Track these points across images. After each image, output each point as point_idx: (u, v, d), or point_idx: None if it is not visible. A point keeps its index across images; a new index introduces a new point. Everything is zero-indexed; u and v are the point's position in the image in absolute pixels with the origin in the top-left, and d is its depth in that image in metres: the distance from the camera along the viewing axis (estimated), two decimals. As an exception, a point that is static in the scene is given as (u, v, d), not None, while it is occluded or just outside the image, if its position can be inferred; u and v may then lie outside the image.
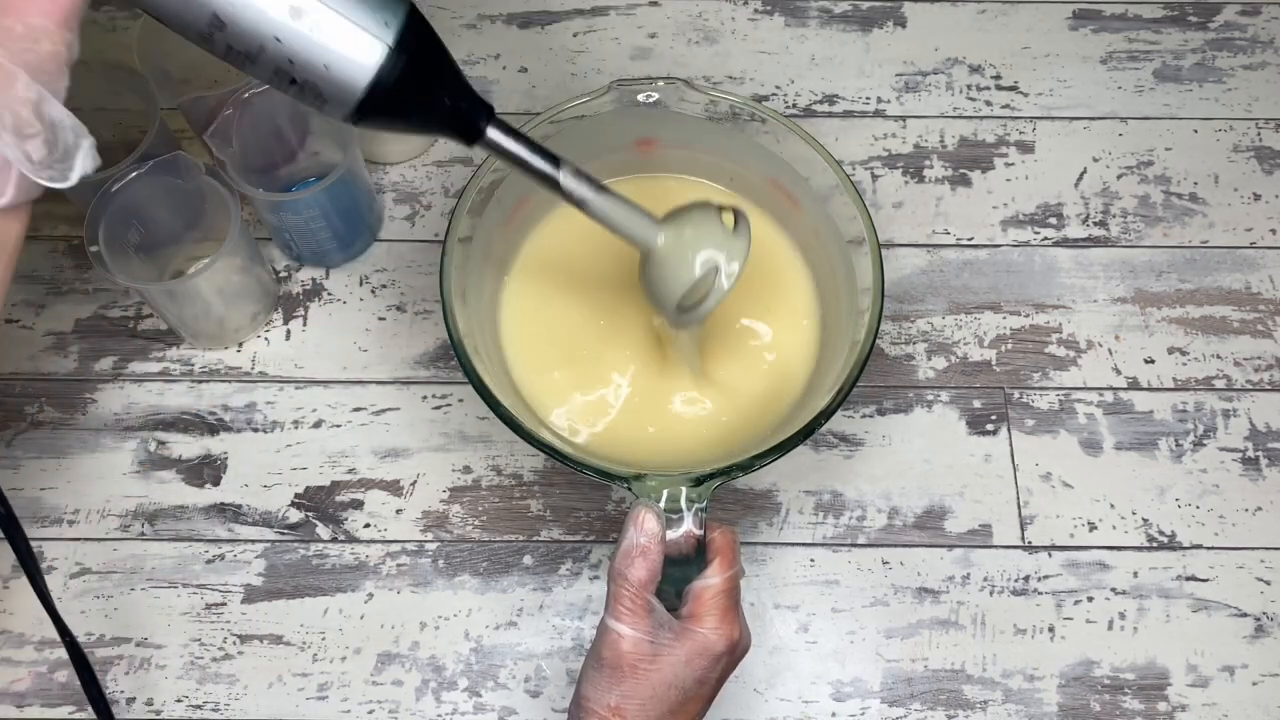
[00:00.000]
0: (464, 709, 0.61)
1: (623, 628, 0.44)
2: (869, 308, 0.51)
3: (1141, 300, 0.71)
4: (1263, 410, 0.68)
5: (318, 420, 0.68)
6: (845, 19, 0.81)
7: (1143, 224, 0.74)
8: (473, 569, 0.64)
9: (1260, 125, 0.77)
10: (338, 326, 0.70)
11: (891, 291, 0.71)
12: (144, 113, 0.68)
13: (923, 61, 0.79)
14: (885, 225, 0.73)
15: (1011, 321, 0.71)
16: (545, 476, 0.66)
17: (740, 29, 0.80)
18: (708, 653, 0.45)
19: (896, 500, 0.66)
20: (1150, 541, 0.65)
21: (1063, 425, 0.68)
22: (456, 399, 0.68)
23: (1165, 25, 0.80)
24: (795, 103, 0.77)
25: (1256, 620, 0.63)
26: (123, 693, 0.61)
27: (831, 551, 0.65)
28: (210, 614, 0.63)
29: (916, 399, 0.68)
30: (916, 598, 0.63)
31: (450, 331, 0.50)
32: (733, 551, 0.48)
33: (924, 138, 0.76)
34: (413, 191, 0.75)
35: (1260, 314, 0.71)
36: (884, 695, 0.61)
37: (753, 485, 0.66)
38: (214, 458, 0.67)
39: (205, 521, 0.65)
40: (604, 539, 0.65)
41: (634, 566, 0.45)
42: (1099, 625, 0.63)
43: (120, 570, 0.64)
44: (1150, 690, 0.61)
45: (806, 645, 0.62)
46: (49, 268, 0.72)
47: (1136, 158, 0.76)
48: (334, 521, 0.65)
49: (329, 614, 0.63)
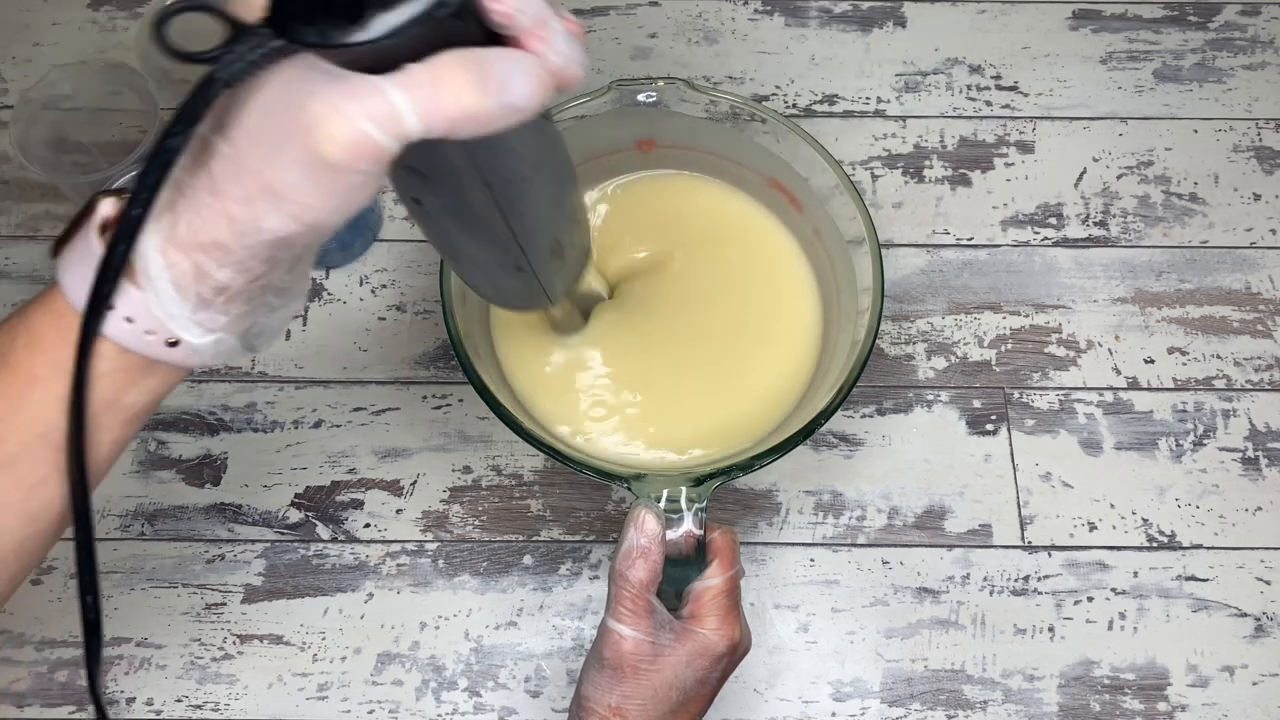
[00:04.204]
0: (464, 709, 0.61)
1: (624, 629, 0.44)
2: (869, 308, 0.51)
3: (1141, 300, 0.71)
4: (1263, 410, 0.68)
5: (318, 420, 0.67)
6: (845, 19, 0.81)
7: (1143, 224, 0.74)
8: (473, 569, 0.64)
9: (1260, 125, 0.77)
10: (338, 327, 0.70)
11: (891, 291, 0.71)
12: (144, 113, 0.68)
13: (923, 61, 0.79)
14: (885, 225, 0.73)
15: (1011, 321, 0.71)
16: (545, 476, 0.66)
17: (740, 29, 0.80)
18: (709, 653, 0.45)
19: (896, 500, 0.66)
20: (1150, 541, 0.65)
21: (1063, 425, 0.68)
22: (456, 399, 0.68)
23: (1165, 25, 0.80)
24: (795, 103, 0.77)
25: (1256, 620, 0.63)
26: (123, 693, 0.61)
27: (831, 551, 0.65)
28: (210, 614, 0.63)
29: (916, 399, 0.68)
30: (916, 598, 0.63)
31: (450, 331, 0.50)
32: (732, 552, 0.48)
33: (924, 138, 0.76)
34: (413, 191, 0.75)
35: (1260, 314, 0.71)
36: (884, 695, 0.61)
37: (753, 485, 0.66)
38: (214, 458, 0.67)
39: (205, 521, 0.65)
40: (604, 539, 0.65)
41: (635, 567, 0.45)
42: (1099, 625, 0.63)
43: (120, 570, 0.64)
44: (1150, 690, 0.61)
45: (806, 645, 0.62)
46: (49, 268, 0.71)
47: (1136, 158, 0.76)
48: (334, 521, 0.65)
49: (329, 614, 0.63)
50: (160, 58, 0.68)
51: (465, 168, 0.34)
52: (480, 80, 0.28)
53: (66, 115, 0.70)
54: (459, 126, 0.28)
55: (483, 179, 0.34)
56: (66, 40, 0.78)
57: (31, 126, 0.67)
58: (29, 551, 0.37)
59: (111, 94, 0.69)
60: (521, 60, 0.28)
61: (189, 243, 0.30)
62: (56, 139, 0.70)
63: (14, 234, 0.72)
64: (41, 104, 0.68)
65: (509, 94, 0.28)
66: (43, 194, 0.73)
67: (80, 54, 0.78)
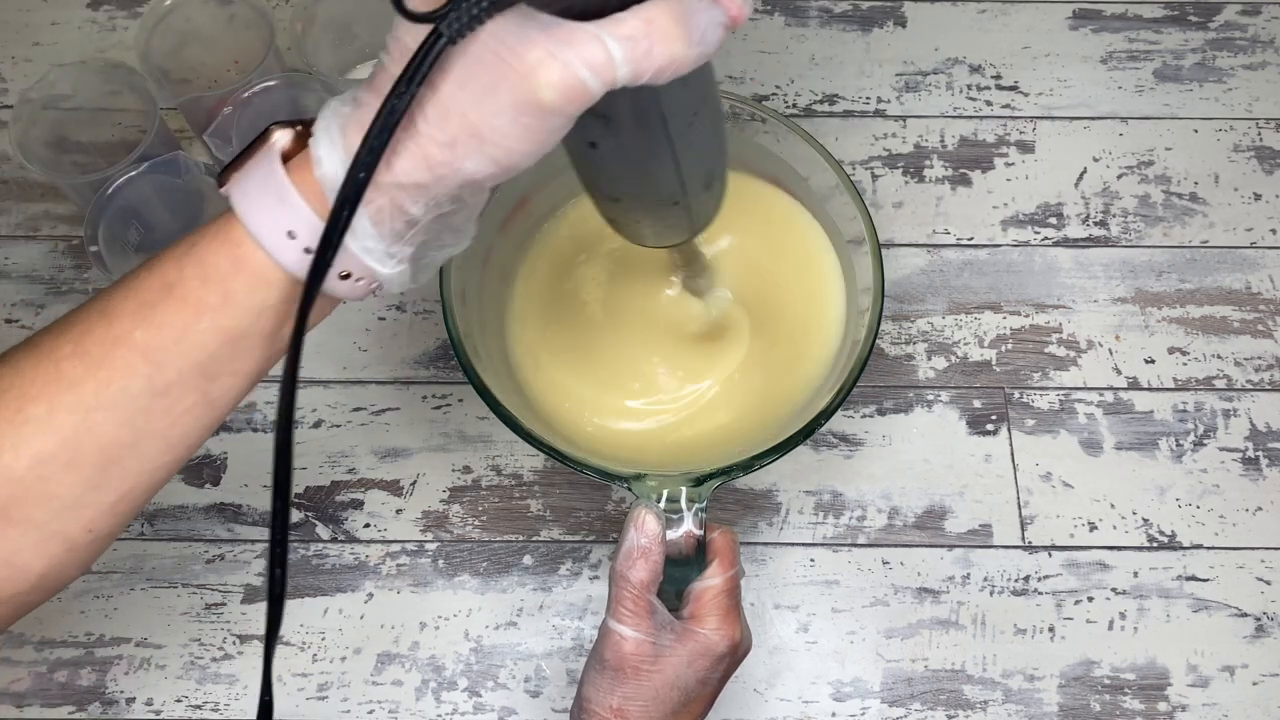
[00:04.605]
0: (464, 709, 0.61)
1: (625, 629, 0.44)
2: (869, 308, 0.51)
3: (1141, 300, 0.71)
4: (1263, 410, 0.68)
5: (318, 420, 0.67)
6: (845, 19, 0.81)
7: (1143, 224, 0.74)
8: (473, 569, 0.64)
9: (1260, 125, 0.77)
10: (337, 326, 0.70)
11: (891, 291, 0.71)
12: (144, 112, 0.68)
13: (923, 61, 0.79)
14: (885, 225, 0.73)
15: (1011, 321, 0.71)
16: (545, 476, 0.66)
17: (740, 29, 0.80)
18: (710, 653, 0.45)
19: (896, 500, 0.66)
20: (1150, 541, 0.65)
21: (1063, 425, 0.68)
22: (456, 399, 0.68)
23: (1165, 25, 0.80)
24: (795, 102, 0.77)
25: (1257, 620, 0.63)
26: (122, 693, 0.61)
27: (831, 551, 0.64)
28: (210, 614, 0.63)
29: (916, 399, 0.68)
30: (916, 598, 0.63)
31: (450, 331, 0.50)
32: (733, 552, 0.48)
33: (924, 137, 0.76)
34: (412, 191, 0.75)
35: (1260, 314, 0.71)
36: (884, 695, 0.61)
37: (753, 485, 0.66)
38: (214, 458, 0.67)
39: (205, 521, 0.65)
40: (604, 539, 0.65)
41: (635, 568, 0.45)
42: (1099, 625, 0.63)
43: (120, 570, 0.64)
44: (1150, 690, 0.61)
45: (806, 645, 0.62)
46: (49, 268, 0.71)
47: (1137, 157, 0.76)
48: (334, 521, 0.65)
49: (329, 614, 0.63)
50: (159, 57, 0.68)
51: (650, 107, 0.35)
52: (687, 30, 0.29)
53: (66, 115, 0.70)
54: (663, 73, 0.30)
55: (661, 115, 0.36)
56: (66, 40, 0.78)
57: (31, 126, 0.67)
58: (157, 482, 0.38)
59: (111, 94, 0.69)
60: (714, 10, 0.30)
61: (389, 183, 0.32)
62: (56, 139, 0.70)
63: (14, 234, 0.72)
64: (41, 104, 0.68)
65: (706, 42, 0.30)
66: (43, 194, 0.73)
67: (80, 54, 0.78)
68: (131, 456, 0.36)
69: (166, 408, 0.36)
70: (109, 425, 0.35)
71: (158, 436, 0.36)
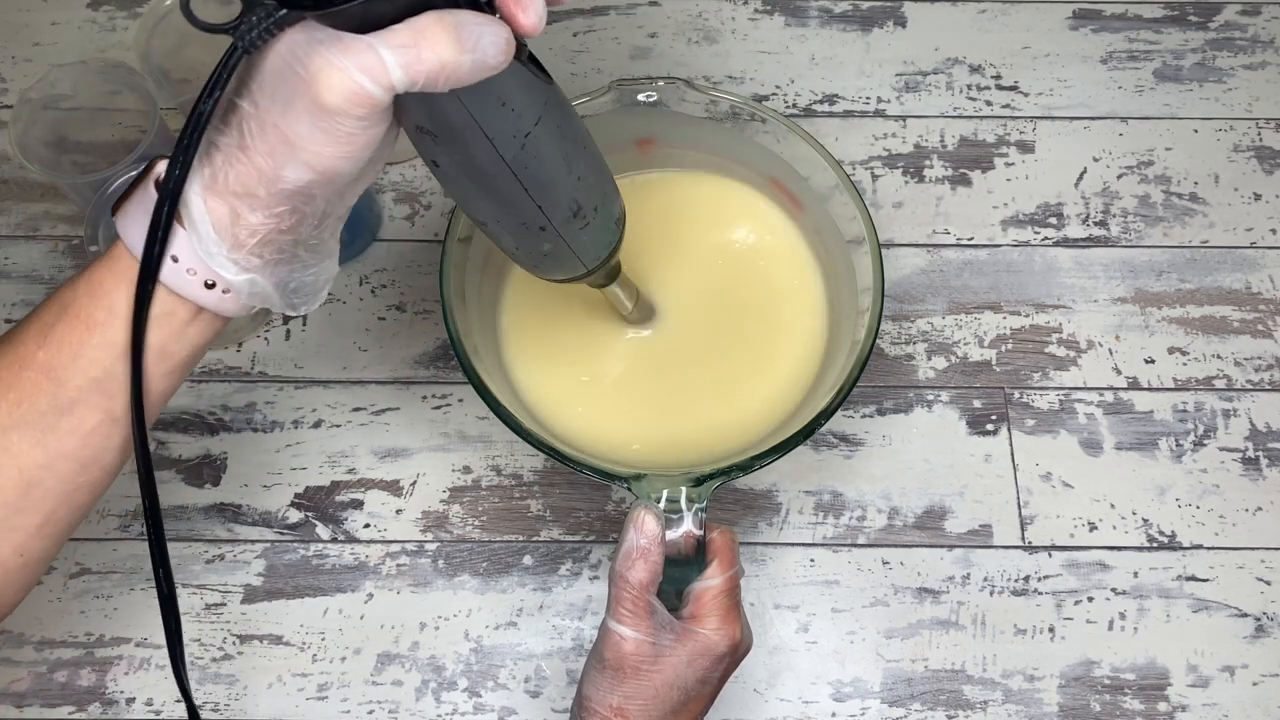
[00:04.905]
0: (464, 709, 0.61)
1: (625, 629, 0.44)
2: (869, 308, 0.51)
3: (1141, 300, 0.71)
4: (1263, 410, 0.68)
5: (317, 420, 0.67)
6: (845, 19, 0.81)
7: (1143, 224, 0.74)
8: (473, 569, 0.64)
9: (1260, 125, 0.77)
10: (337, 326, 0.70)
11: (891, 291, 0.71)
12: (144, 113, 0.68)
13: (923, 61, 0.79)
14: (885, 225, 0.73)
15: (1011, 321, 0.71)
16: (545, 476, 0.66)
17: (740, 29, 0.80)
18: (710, 653, 0.45)
19: (896, 500, 0.66)
20: (1150, 542, 0.65)
21: (1063, 425, 0.68)
22: (456, 399, 0.68)
23: (1165, 25, 0.80)
24: (795, 102, 0.77)
25: (1257, 620, 0.63)
26: (122, 693, 0.61)
27: (831, 551, 0.64)
28: (210, 614, 0.63)
29: (916, 399, 0.68)
30: (916, 598, 0.63)
31: (450, 331, 0.50)
32: (732, 552, 0.48)
33: (924, 138, 0.76)
34: (413, 191, 0.75)
35: (1260, 314, 0.71)
36: (884, 695, 0.61)
37: (753, 485, 0.66)
38: (214, 458, 0.67)
39: (205, 521, 0.65)
40: (604, 539, 0.65)
41: (635, 568, 0.45)
42: (1099, 625, 0.63)
43: (120, 570, 0.64)
44: (1150, 690, 0.61)
45: (806, 645, 0.62)
46: (49, 268, 0.72)
47: (1136, 158, 0.76)
48: (334, 521, 0.65)
49: (329, 614, 0.63)
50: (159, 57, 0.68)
51: (467, 124, 0.37)
52: (456, 38, 0.32)
53: (66, 115, 0.70)
54: (437, 78, 0.32)
55: (485, 135, 0.37)
56: (66, 40, 0.78)
57: (31, 126, 0.67)
58: (78, 505, 0.40)
59: (111, 94, 0.69)
60: (494, 25, 0.33)
61: (225, 191, 0.35)
62: (56, 139, 0.70)
63: (14, 234, 0.72)
64: (41, 104, 0.68)
65: (481, 51, 0.32)
66: (43, 194, 0.73)
67: (80, 54, 0.78)
68: (50, 476, 0.38)
69: (74, 426, 0.38)
70: (24, 444, 0.38)
71: (70, 457, 0.38)
